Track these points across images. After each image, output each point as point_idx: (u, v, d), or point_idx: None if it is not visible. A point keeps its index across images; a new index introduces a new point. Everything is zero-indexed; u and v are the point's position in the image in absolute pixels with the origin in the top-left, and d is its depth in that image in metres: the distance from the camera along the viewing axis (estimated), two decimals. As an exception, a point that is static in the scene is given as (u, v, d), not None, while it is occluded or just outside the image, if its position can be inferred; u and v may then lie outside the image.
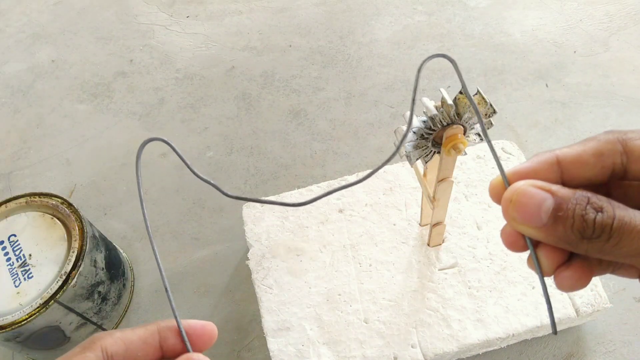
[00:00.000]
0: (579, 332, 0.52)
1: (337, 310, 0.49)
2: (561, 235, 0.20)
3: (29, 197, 0.53)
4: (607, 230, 0.20)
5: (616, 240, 0.19)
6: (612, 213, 0.20)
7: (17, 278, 0.48)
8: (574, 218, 0.20)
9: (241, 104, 0.76)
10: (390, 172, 0.58)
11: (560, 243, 0.21)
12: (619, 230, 0.19)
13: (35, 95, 0.81)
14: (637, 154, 0.22)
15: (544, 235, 0.21)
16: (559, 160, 0.22)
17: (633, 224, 0.19)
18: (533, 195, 0.21)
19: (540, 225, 0.21)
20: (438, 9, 0.86)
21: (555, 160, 0.22)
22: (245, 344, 0.54)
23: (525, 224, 0.21)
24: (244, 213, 0.56)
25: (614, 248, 0.20)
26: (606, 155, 0.22)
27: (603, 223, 0.20)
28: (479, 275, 0.50)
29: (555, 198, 0.20)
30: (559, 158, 0.22)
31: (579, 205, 0.20)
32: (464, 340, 0.46)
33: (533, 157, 0.23)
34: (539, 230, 0.21)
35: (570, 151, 0.22)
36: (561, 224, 0.20)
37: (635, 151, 0.22)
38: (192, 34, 0.88)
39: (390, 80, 0.76)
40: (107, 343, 0.23)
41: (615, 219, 0.19)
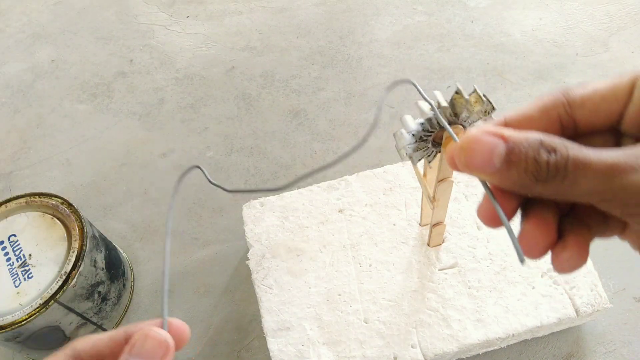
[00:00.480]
0: (579, 332, 0.52)
1: (337, 310, 0.49)
2: (515, 180, 0.20)
3: (29, 197, 0.53)
4: (561, 170, 0.19)
5: (571, 180, 0.19)
6: (566, 153, 0.19)
7: (17, 278, 0.48)
8: (526, 161, 0.20)
9: (241, 104, 0.76)
10: (390, 172, 0.58)
11: (516, 187, 0.21)
12: (573, 169, 0.19)
13: (35, 95, 0.81)
14: (579, 100, 0.22)
15: (499, 180, 0.21)
16: (506, 121, 0.23)
17: (588, 162, 0.19)
18: (485, 141, 0.21)
19: (494, 170, 0.20)
20: (438, 9, 0.86)
21: (503, 121, 0.23)
22: (245, 344, 0.54)
23: (479, 170, 0.21)
24: (244, 213, 0.56)
25: (569, 188, 0.19)
26: (550, 107, 0.22)
27: (557, 164, 0.19)
28: (479, 275, 0.50)
29: (507, 143, 0.20)
30: (506, 119, 0.23)
31: (531, 147, 0.20)
32: (464, 340, 0.46)
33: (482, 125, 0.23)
34: (493, 176, 0.21)
35: (517, 111, 0.23)
36: (514, 168, 0.20)
37: (577, 99, 0.22)
38: (192, 34, 0.88)
39: (390, 80, 0.76)
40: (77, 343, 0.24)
41: (569, 159, 0.19)
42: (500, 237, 0.52)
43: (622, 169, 0.18)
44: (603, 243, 0.57)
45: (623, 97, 0.22)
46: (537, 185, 0.20)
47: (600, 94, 0.22)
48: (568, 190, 0.19)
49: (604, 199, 0.19)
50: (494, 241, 0.52)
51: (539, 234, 0.21)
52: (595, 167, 0.19)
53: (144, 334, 0.23)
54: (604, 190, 0.19)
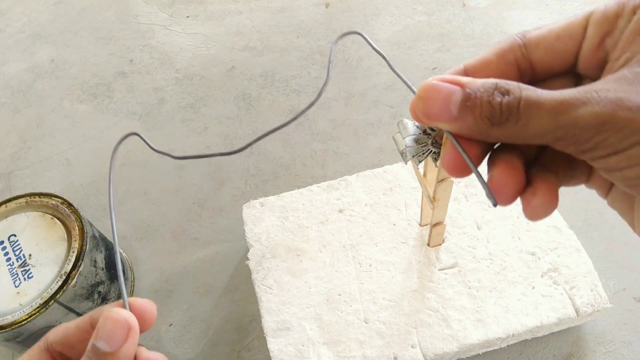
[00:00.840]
0: (579, 332, 0.52)
1: (337, 310, 0.49)
2: (472, 126, 0.20)
3: (29, 197, 0.53)
4: (514, 111, 0.19)
5: (524, 120, 0.19)
6: (519, 94, 0.19)
7: (17, 278, 0.48)
8: (481, 105, 0.20)
9: (241, 104, 0.76)
10: (390, 172, 0.58)
11: (475, 134, 0.21)
12: (526, 109, 0.19)
13: (35, 95, 0.81)
14: (534, 41, 0.22)
15: (458, 128, 0.21)
16: (465, 69, 0.23)
17: (539, 102, 0.19)
18: (441, 89, 0.21)
19: (451, 118, 0.20)
20: (438, 9, 0.86)
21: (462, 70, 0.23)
22: (245, 344, 0.54)
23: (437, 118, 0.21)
24: (244, 213, 0.56)
25: (523, 129, 0.19)
26: (507, 51, 0.22)
27: (510, 105, 0.19)
28: (479, 275, 0.50)
29: (463, 90, 0.20)
30: (465, 67, 0.23)
31: (486, 92, 0.20)
32: (464, 340, 0.46)
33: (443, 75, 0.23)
34: (451, 123, 0.21)
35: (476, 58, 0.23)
36: (470, 113, 0.20)
37: (532, 40, 0.22)
38: (192, 34, 0.88)
39: (390, 80, 0.76)
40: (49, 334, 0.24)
41: (521, 99, 0.19)
42: (500, 237, 0.52)
43: (570, 104, 0.18)
44: (603, 243, 0.57)
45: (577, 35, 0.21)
46: (493, 129, 0.20)
47: (555, 33, 0.22)
48: (523, 131, 0.19)
49: (557, 137, 0.19)
50: (494, 241, 0.52)
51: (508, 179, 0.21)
52: (545, 106, 0.19)
53: (104, 316, 0.23)
54: (555, 127, 0.19)
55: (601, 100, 0.18)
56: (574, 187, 0.24)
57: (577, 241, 0.51)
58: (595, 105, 0.18)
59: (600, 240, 0.58)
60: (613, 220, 0.59)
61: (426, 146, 0.39)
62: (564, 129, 0.19)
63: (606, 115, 0.18)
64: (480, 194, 0.55)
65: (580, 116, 0.18)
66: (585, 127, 0.18)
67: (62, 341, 0.24)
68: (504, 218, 0.53)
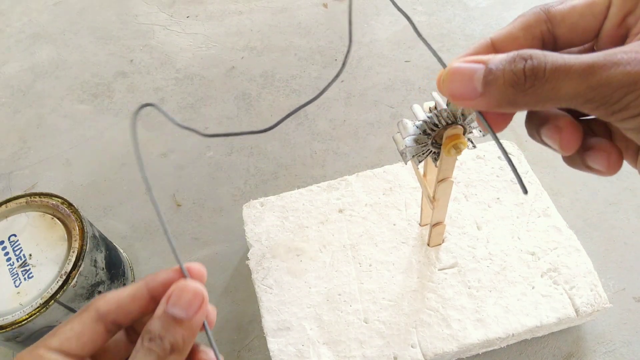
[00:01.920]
0: (579, 332, 0.52)
1: (337, 310, 0.49)
2: (499, 97, 0.21)
3: (29, 197, 0.53)
4: (540, 75, 0.20)
5: (552, 83, 0.19)
6: (544, 58, 0.20)
7: (17, 278, 0.48)
8: (504, 75, 0.20)
9: (241, 104, 0.76)
10: (390, 172, 0.58)
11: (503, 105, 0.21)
12: (553, 73, 0.19)
13: (35, 95, 0.81)
14: (558, 17, 0.23)
15: (485, 104, 0.21)
16: (492, 42, 0.23)
17: (568, 64, 0.19)
18: (463, 69, 0.21)
19: (477, 94, 0.21)
20: (438, 9, 0.86)
21: (489, 43, 0.23)
22: (245, 344, 0.54)
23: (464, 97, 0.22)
24: (244, 213, 0.56)
25: (552, 92, 0.20)
26: (533, 25, 0.23)
27: (534, 69, 0.20)
28: (479, 275, 0.50)
29: (486, 66, 0.21)
30: (492, 40, 0.23)
31: (508, 62, 0.20)
32: (464, 340, 0.47)
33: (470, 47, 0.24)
34: (478, 101, 0.21)
35: (502, 31, 0.23)
36: (494, 85, 0.20)
37: (557, 15, 0.23)
38: (192, 34, 0.88)
39: (390, 80, 0.76)
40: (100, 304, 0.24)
41: (547, 63, 0.19)
42: (500, 237, 0.52)
43: (601, 65, 0.19)
44: (603, 243, 0.57)
45: (600, 13, 0.22)
46: (520, 96, 0.20)
47: (578, 10, 0.23)
48: (551, 95, 0.20)
49: (587, 99, 0.19)
50: (494, 241, 0.52)
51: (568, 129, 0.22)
52: (575, 68, 0.19)
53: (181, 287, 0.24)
54: (586, 89, 0.19)
55: (632, 60, 0.18)
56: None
57: (577, 241, 0.51)
58: (627, 66, 0.18)
59: (600, 240, 0.58)
60: (613, 220, 0.59)
61: (426, 146, 0.39)
62: (595, 90, 0.19)
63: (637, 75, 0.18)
64: (480, 194, 0.55)
65: (613, 76, 0.18)
66: (617, 87, 0.19)
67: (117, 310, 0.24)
68: (504, 218, 0.53)
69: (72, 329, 0.24)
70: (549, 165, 0.64)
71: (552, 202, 0.54)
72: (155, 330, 0.23)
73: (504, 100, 0.21)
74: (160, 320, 0.23)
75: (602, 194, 0.61)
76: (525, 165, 0.57)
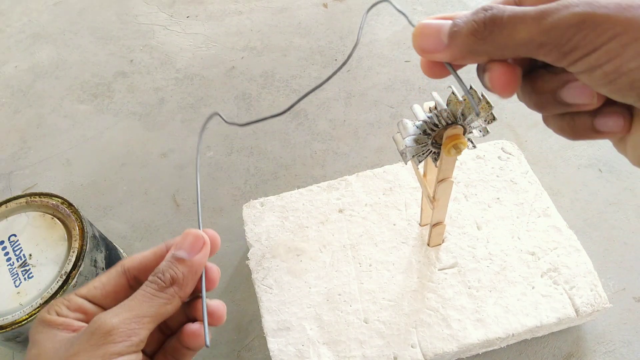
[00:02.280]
0: (579, 332, 0.52)
1: (337, 310, 0.49)
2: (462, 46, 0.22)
3: (29, 197, 0.53)
4: (498, 22, 0.21)
5: (509, 29, 0.21)
6: (502, 8, 0.21)
7: (18, 278, 0.48)
8: (467, 25, 0.22)
9: (241, 104, 0.76)
10: (390, 172, 0.58)
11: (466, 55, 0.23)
12: (510, 19, 0.21)
13: (35, 95, 0.81)
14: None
15: (451, 55, 0.23)
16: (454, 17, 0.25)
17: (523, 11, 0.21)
18: (432, 25, 0.23)
19: (444, 47, 0.23)
20: (438, 9, 0.86)
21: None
22: (245, 344, 0.54)
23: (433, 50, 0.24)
24: (244, 213, 0.56)
25: (509, 38, 0.21)
26: None
27: (493, 16, 0.21)
28: (479, 275, 0.50)
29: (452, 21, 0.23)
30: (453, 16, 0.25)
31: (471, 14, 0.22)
32: (464, 340, 0.47)
33: None
34: (445, 52, 0.23)
35: None
36: (458, 35, 0.22)
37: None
38: (192, 34, 0.88)
39: (390, 80, 0.76)
40: (126, 261, 0.28)
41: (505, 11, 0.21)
42: (500, 237, 0.52)
43: (551, 9, 0.20)
44: (603, 243, 0.57)
45: None
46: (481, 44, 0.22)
47: None
48: (508, 41, 0.21)
49: (541, 43, 0.21)
50: (494, 241, 0.52)
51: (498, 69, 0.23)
52: (529, 14, 0.21)
53: (185, 232, 0.28)
54: (538, 33, 0.20)
55: (579, 3, 0.20)
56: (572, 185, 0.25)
57: (577, 241, 0.51)
58: (575, 7, 0.20)
59: (600, 240, 0.58)
60: (613, 220, 0.59)
61: (426, 146, 0.39)
62: (547, 32, 0.20)
63: (585, 14, 0.19)
64: (480, 194, 0.55)
65: (562, 17, 0.20)
66: (566, 27, 0.20)
67: (139, 267, 0.28)
68: (504, 218, 0.53)
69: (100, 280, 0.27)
70: (549, 165, 0.64)
71: (552, 202, 0.54)
72: (160, 268, 0.27)
73: (466, 49, 0.22)
74: (166, 261, 0.27)
75: (602, 194, 0.61)
76: (525, 165, 0.57)
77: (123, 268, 0.28)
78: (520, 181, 0.56)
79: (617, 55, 0.19)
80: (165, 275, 0.26)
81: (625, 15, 0.19)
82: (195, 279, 0.27)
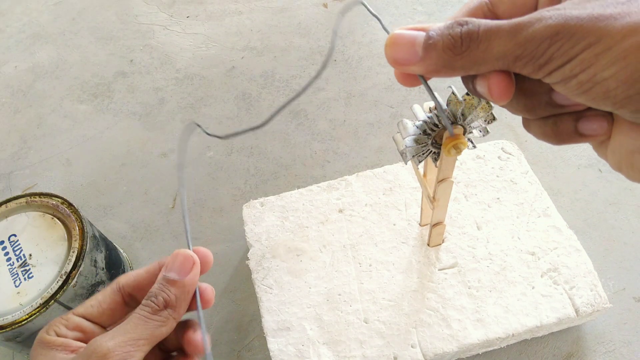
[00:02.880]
0: (579, 332, 0.52)
1: (337, 310, 0.49)
2: (437, 60, 0.22)
3: (29, 197, 0.53)
4: (474, 37, 0.21)
5: (485, 44, 0.21)
6: (477, 23, 0.21)
7: (17, 278, 0.48)
8: (442, 39, 0.22)
9: (241, 104, 0.76)
10: (390, 172, 0.58)
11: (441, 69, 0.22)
12: (485, 34, 0.21)
13: (35, 95, 0.81)
14: None
15: (424, 67, 0.23)
16: None
17: (498, 26, 0.21)
18: (405, 35, 0.23)
19: (417, 59, 0.23)
20: (438, 9, 0.86)
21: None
22: (245, 344, 0.54)
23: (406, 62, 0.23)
24: (244, 213, 0.56)
25: (485, 53, 0.21)
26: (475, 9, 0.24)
27: (469, 32, 0.21)
28: (479, 275, 0.50)
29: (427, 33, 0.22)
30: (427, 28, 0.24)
31: (446, 27, 0.22)
32: (464, 340, 0.47)
33: None
34: (419, 65, 0.23)
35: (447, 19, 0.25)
36: (433, 49, 0.22)
37: None
38: (192, 34, 0.88)
39: (390, 80, 0.76)
40: (121, 279, 0.29)
41: (480, 26, 0.21)
42: (500, 237, 0.52)
43: (525, 23, 0.20)
44: (603, 243, 0.57)
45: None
46: (457, 59, 0.22)
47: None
48: (484, 55, 0.21)
49: (516, 56, 0.21)
50: (494, 241, 0.52)
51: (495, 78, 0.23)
52: (504, 28, 0.21)
53: (175, 253, 0.28)
54: (514, 46, 0.20)
55: (552, 15, 0.20)
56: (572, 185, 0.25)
57: (577, 241, 0.51)
58: (549, 20, 0.20)
59: (600, 240, 0.58)
60: (613, 220, 0.59)
61: (426, 146, 0.39)
62: (522, 46, 0.20)
63: (558, 26, 0.20)
64: (480, 194, 0.55)
65: (536, 30, 0.20)
66: (541, 39, 0.20)
67: (133, 284, 0.29)
68: (504, 218, 0.53)
69: (96, 298, 0.28)
70: (549, 165, 0.64)
71: (552, 202, 0.54)
72: (153, 291, 0.27)
73: (441, 64, 0.22)
74: (157, 283, 0.27)
75: (602, 194, 0.61)
76: (525, 165, 0.57)
77: (118, 286, 0.28)
78: (520, 181, 0.56)
79: (590, 64, 0.19)
80: (158, 298, 0.27)
81: (598, 25, 0.19)
82: (188, 299, 0.28)
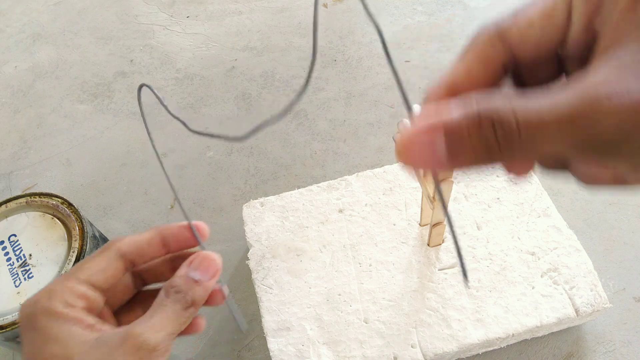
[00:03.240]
0: (579, 332, 0.52)
1: (337, 310, 0.49)
2: (470, 162, 0.18)
3: (29, 197, 0.53)
4: (515, 138, 0.17)
5: (530, 142, 0.17)
6: (514, 121, 0.17)
7: (18, 278, 0.48)
8: (472, 146, 0.17)
9: (241, 104, 0.76)
10: (390, 172, 0.58)
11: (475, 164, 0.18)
12: (528, 131, 0.17)
13: (35, 95, 0.81)
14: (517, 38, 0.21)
15: (452, 168, 0.19)
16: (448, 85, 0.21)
17: (540, 120, 0.16)
18: (421, 142, 0.18)
19: (444, 163, 0.18)
20: (438, 9, 0.86)
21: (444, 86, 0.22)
22: (245, 344, 0.54)
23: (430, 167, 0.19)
24: (244, 213, 0.56)
25: (533, 148, 0.17)
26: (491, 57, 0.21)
27: (506, 136, 0.17)
28: (479, 275, 0.50)
29: (444, 132, 0.18)
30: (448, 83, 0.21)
31: (472, 127, 0.17)
32: (464, 340, 0.47)
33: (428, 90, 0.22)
34: (446, 167, 0.19)
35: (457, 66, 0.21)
36: (462, 155, 0.18)
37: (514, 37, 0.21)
38: (192, 34, 0.88)
39: (390, 80, 0.76)
40: (121, 244, 0.29)
41: (520, 125, 0.17)
42: (500, 237, 0.52)
43: (579, 114, 0.16)
44: (603, 243, 0.57)
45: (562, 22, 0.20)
46: (496, 156, 0.18)
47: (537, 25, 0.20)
48: (534, 149, 0.17)
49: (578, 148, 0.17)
50: (494, 241, 0.52)
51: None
52: (551, 121, 0.16)
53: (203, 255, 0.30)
54: (573, 143, 0.16)
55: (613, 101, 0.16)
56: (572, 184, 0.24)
57: (577, 241, 0.51)
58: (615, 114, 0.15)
59: (600, 240, 0.58)
60: (613, 220, 0.59)
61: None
62: (580, 140, 0.16)
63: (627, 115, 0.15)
64: (480, 194, 0.55)
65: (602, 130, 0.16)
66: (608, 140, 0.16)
67: (135, 252, 0.29)
68: (503, 218, 0.53)
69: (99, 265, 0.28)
70: (549, 165, 0.64)
71: (552, 202, 0.54)
72: (180, 286, 0.28)
73: (476, 162, 0.18)
74: (182, 279, 0.28)
75: (602, 194, 0.61)
76: (525, 165, 0.57)
77: (119, 252, 0.28)
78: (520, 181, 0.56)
79: None
80: (187, 296, 0.28)
81: None
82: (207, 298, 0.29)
